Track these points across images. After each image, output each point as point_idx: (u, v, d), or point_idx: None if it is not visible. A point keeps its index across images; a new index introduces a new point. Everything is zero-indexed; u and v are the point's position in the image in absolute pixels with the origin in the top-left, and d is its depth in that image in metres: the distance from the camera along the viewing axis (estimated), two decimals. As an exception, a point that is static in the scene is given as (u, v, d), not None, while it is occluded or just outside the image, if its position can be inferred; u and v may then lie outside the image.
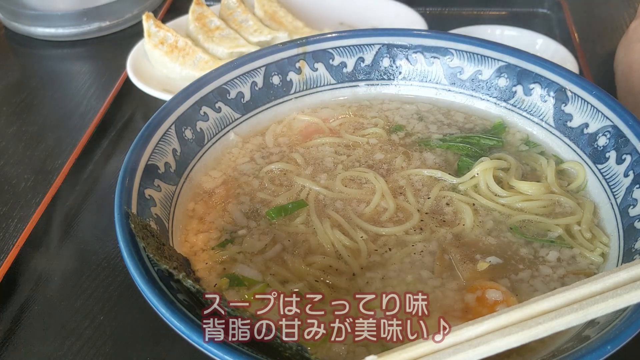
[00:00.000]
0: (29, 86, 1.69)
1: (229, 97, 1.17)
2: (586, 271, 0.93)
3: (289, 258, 0.95)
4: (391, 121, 1.24)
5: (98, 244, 1.19)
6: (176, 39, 1.60)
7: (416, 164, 1.12)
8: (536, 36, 1.63)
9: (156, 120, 1.04)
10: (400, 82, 1.29)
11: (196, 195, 1.08)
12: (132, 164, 0.95)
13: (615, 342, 0.70)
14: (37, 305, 1.08)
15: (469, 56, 1.22)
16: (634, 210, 0.95)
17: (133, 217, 0.86)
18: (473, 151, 1.14)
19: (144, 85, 1.50)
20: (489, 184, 1.05)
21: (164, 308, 0.74)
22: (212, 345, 0.70)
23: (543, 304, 0.72)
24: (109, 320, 1.04)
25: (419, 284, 0.91)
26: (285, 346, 0.72)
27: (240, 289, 0.91)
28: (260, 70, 1.20)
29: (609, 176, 1.03)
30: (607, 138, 1.04)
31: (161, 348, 0.99)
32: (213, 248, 0.98)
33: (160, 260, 0.80)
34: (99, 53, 1.85)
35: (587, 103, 1.08)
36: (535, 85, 1.16)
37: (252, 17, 1.72)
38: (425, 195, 1.06)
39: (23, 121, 1.55)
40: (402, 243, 0.98)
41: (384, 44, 1.26)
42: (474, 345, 0.69)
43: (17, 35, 1.91)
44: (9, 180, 1.36)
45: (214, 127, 1.15)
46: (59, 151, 1.44)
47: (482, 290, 0.88)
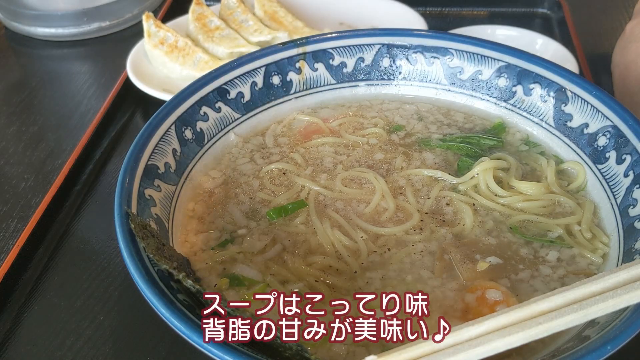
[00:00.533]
0: (29, 86, 1.69)
1: (229, 97, 1.17)
2: (586, 271, 0.93)
3: (289, 258, 0.95)
4: (391, 121, 1.24)
5: (98, 244, 1.19)
6: (176, 39, 1.60)
7: (416, 164, 1.12)
8: (536, 36, 1.63)
9: (156, 120, 1.04)
10: (400, 82, 1.29)
11: (196, 195, 1.08)
12: (132, 164, 0.95)
13: (615, 342, 0.70)
14: (37, 305, 1.08)
15: (469, 56, 1.22)
16: (634, 210, 0.95)
17: (133, 217, 0.86)
18: (473, 151, 1.14)
19: (144, 85, 1.50)
20: (489, 184, 1.05)
21: (164, 308, 0.74)
22: (212, 345, 0.70)
23: (543, 304, 0.72)
24: (109, 320, 1.04)
25: (419, 284, 0.91)
26: (285, 346, 0.72)
27: (240, 289, 0.91)
28: (260, 70, 1.20)
29: (609, 176, 1.03)
30: (607, 138, 1.04)
31: (161, 348, 0.99)
32: (213, 248, 0.98)
33: (160, 261, 0.80)
34: (99, 53, 1.85)
35: (587, 103, 1.08)
36: (535, 85, 1.16)
37: (252, 17, 1.72)
38: (425, 195, 1.06)
39: (23, 121, 1.55)
40: (402, 243, 0.98)
41: (384, 44, 1.26)
42: (474, 345, 0.69)
43: (17, 35, 1.91)
44: (9, 180, 1.36)
45: (214, 127, 1.15)
46: (59, 151, 1.44)
47: (482, 290, 0.88)
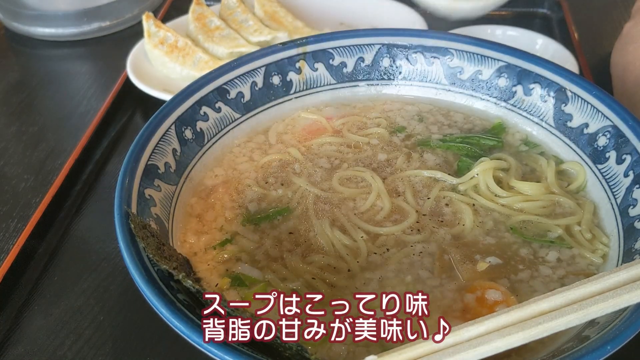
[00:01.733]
0: (29, 86, 1.69)
1: (229, 97, 1.17)
2: (586, 272, 0.93)
3: (288, 257, 0.95)
4: (393, 122, 1.24)
5: (98, 244, 1.19)
6: (176, 39, 1.60)
7: (416, 165, 1.12)
8: (536, 36, 1.63)
9: (156, 120, 1.04)
10: (400, 82, 1.29)
11: (196, 195, 1.08)
12: (132, 164, 0.95)
13: (615, 342, 0.70)
14: (37, 305, 1.08)
15: (469, 56, 1.22)
16: (634, 210, 0.95)
17: (133, 217, 0.86)
18: (473, 151, 1.14)
19: (144, 85, 1.50)
20: (489, 185, 1.05)
21: (164, 308, 0.74)
22: (212, 345, 0.70)
23: (543, 304, 0.72)
24: (109, 320, 1.04)
25: (419, 284, 0.91)
26: (285, 346, 0.72)
27: (241, 289, 0.91)
28: (260, 70, 1.20)
29: (609, 176, 1.03)
30: (607, 138, 1.04)
31: (161, 348, 0.99)
32: (213, 248, 0.98)
33: (160, 261, 0.80)
34: (99, 53, 1.85)
35: (587, 103, 1.08)
36: (535, 85, 1.16)
37: (252, 17, 1.72)
38: (425, 195, 1.06)
39: (23, 121, 1.55)
40: (402, 243, 0.98)
41: (384, 44, 1.26)
42: (474, 345, 0.69)
43: (17, 35, 1.91)
44: (9, 180, 1.36)
45: (214, 127, 1.15)
46: (59, 151, 1.44)
47: (481, 290, 0.88)
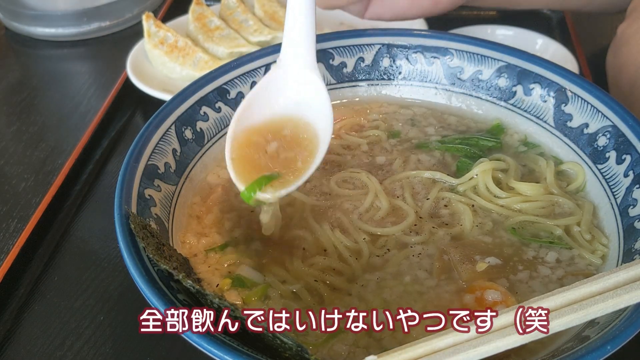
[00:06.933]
0: (29, 86, 1.69)
1: (229, 97, 1.17)
2: (585, 272, 0.93)
3: (288, 259, 0.95)
4: (390, 123, 1.23)
5: (98, 244, 1.19)
6: (176, 39, 1.60)
7: (415, 166, 1.12)
8: (536, 36, 1.63)
9: (156, 120, 1.04)
10: (400, 82, 1.29)
11: (196, 195, 1.08)
12: (132, 164, 0.95)
13: (615, 342, 0.70)
14: (37, 305, 1.08)
15: (469, 56, 1.22)
16: (633, 210, 0.95)
17: (133, 217, 0.86)
18: (472, 152, 1.13)
19: (144, 85, 1.50)
20: (488, 185, 1.05)
21: (164, 308, 0.74)
22: (212, 345, 0.70)
23: (543, 304, 0.72)
24: (109, 320, 1.04)
25: (418, 285, 0.91)
26: (285, 346, 0.72)
27: (242, 290, 0.91)
28: (260, 70, 1.20)
29: (609, 176, 1.03)
30: (607, 138, 1.04)
31: (161, 348, 0.99)
32: (213, 248, 0.98)
33: (160, 261, 0.80)
34: (99, 53, 1.85)
35: (587, 103, 1.08)
36: (535, 85, 1.16)
37: (252, 17, 1.72)
38: (424, 196, 1.06)
39: (23, 121, 1.55)
40: (401, 244, 0.98)
41: (384, 44, 1.26)
42: (473, 346, 0.69)
43: (17, 35, 1.91)
44: (9, 180, 1.36)
45: (214, 127, 1.15)
46: (59, 151, 1.44)
47: (481, 290, 0.88)
